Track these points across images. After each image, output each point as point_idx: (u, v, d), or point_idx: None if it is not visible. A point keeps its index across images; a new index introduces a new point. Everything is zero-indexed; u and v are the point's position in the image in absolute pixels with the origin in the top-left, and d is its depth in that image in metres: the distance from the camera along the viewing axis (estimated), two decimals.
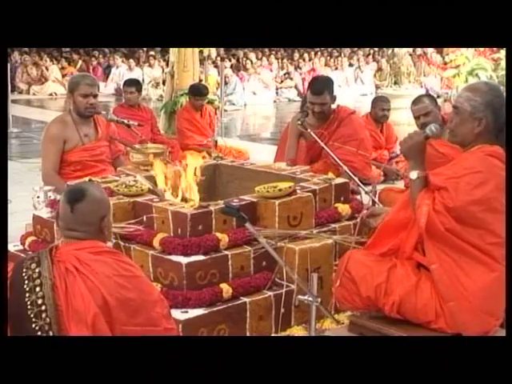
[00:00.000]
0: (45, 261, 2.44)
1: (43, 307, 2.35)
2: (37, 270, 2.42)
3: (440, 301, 3.07)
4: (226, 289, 3.48)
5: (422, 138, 3.19)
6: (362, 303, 3.21)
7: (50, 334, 2.33)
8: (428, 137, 3.22)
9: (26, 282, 2.40)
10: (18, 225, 4.45)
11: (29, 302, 2.36)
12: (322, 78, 6.12)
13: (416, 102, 4.87)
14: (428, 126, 3.25)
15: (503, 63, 11.31)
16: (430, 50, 17.15)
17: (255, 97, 17.69)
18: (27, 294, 2.38)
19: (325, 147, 4.78)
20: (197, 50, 9.45)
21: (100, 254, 2.50)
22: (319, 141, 4.84)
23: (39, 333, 2.33)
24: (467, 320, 3.02)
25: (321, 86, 5.13)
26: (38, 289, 2.38)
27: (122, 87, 8.10)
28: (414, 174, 3.12)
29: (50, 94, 18.66)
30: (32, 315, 2.35)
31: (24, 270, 2.43)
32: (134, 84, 7.56)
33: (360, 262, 3.19)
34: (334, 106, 5.22)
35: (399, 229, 3.22)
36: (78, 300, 2.37)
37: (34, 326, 2.34)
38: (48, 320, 2.34)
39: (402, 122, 11.22)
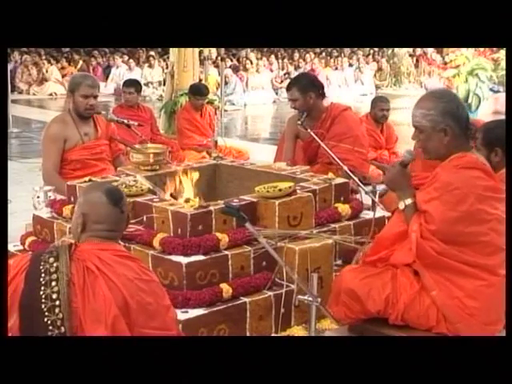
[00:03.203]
0: (63, 256, 2.45)
1: (57, 302, 2.36)
2: (54, 265, 2.42)
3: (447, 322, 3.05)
4: (226, 289, 3.48)
5: (398, 167, 3.20)
6: (368, 316, 3.18)
7: (62, 329, 2.34)
8: (404, 164, 3.22)
9: (43, 275, 2.41)
10: (18, 225, 4.46)
11: (43, 296, 2.37)
12: (297, 75, 6.23)
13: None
14: (403, 153, 3.27)
15: (503, 63, 11.30)
16: (430, 50, 17.16)
17: (255, 97, 17.69)
18: (42, 288, 2.38)
19: (322, 145, 4.76)
20: (197, 49, 9.46)
21: (122, 258, 2.53)
22: (317, 139, 4.82)
23: (50, 327, 2.34)
24: (475, 334, 3.01)
25: (290, 83, 5.25)
26: (53, 283, 2.39)
27: (121, 87, 8.10)
28: (401, 205, 3.12)
29: (50, 94, 18.65)
30: (45, 309, 2.36)
31: (42, 263, 2.44)
32: (133, 84, 7.55)
33: (360, 279, 3.13)
34: (326, 104, 5.20)
35: (393, 243, 3.20)
36: (98, 300, 2.38)
37: (46, 319, 2.35)
38: (61, 315, 2.35)
39: (402, 122, 11.22)
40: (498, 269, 3.03)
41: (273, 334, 3.58)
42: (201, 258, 3.49)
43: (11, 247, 4.20)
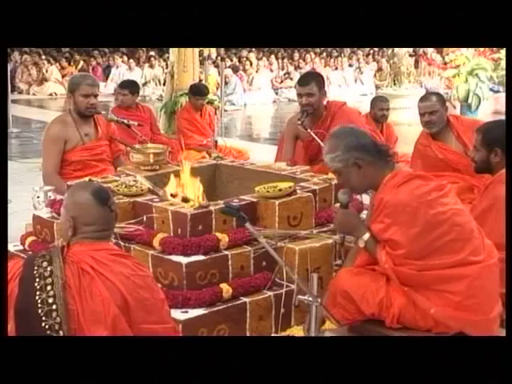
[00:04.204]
0: (56, 260, 2.44)
1: (54, 306, 2.35)
2: (48, 269, 2.41)
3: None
4: (225, 289, 3.48)
5: (340, 211, 3.24)
6: (364, 317, 3.18)
7: (60, 333, 2.34)
8: (344, 205, 3.24)
9: (37, 280, 2.40)
10: (18, 225, 4.45)
11: (39, 301, 2.36)
12: (310, 71, 6.16)
13: (424, 98, 4.91)
14: (339, 197, 3.29)
15: (503, 63, 11.30)
16: (430, 50, 17.15)
17: (255, 97, 17.70)
18: (38, 293, 2.38)
19: (322, 145, 4.75)
20: (197, 49, 9.46)
21: (117, 256, 2.53)
22: (316, 138, 4.82)
23: (48, 332, 2.34)
24: (482, 327, 3.03)
25: (307, 77, 5.18)
26: (48, 287, 2.38)
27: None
28: (361, 243, 3.14)
29: (50, 94, 18.67)
30: (42, 314, 2.35)
31: (35, 268, 2.43)
32: (127, 86, 7.35)
33: (355, 281, 3.15)
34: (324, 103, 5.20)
35: (371, 264, 3.21)
36: (96, 300, 2.38)
37: (43, 324, 2.34)
38: (58, 319, 2.34)
39: (402, 122, 11.22)
40: (474, 257, 3.06)
41: (273, 334, 3.58)
42: (201, 258, 3.49)
43: (11, 247, 4.19)
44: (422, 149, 4.98)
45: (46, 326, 2.34)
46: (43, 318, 2.34)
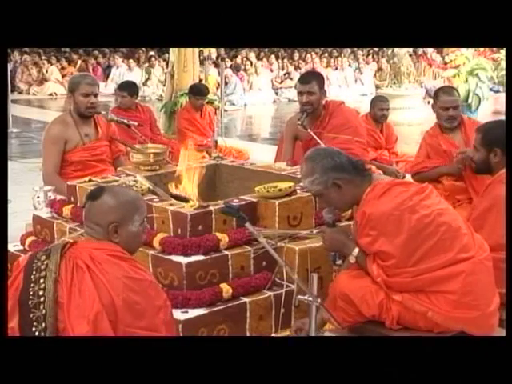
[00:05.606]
0: (54, 254, 2.49)
1: (42, 299, 2.40)
2: (45, 263, 2.47)
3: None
4: (225, 289, 3.48)
5: (328, 230, 3.27)
6: (365, 319, 3.18)
7: (43, 325, 2.37)
8: (330, 225, 3.28)
9: (34, 272, 2.46)
10: (18, 225, 4.46)
11: (31, 293, 2.42)
12: (311, 70, 6.19)
13: (447, 93, 4.99)
14: (324, 216, 3.32)
15: (503, 63, 11.32)
16: (430, 50, 17.16)
17: (255, 97, 17.70)
18: (32, 285, 2.43)
19: (322, 144, 4.77)
20: (197, 49, 9.46)
21: (114, 257, 2.53)
22: (316, 138, 4.83)
23: (35, 323, 2.38)
24: (483, 328, 3.04)
25: (309, 76, 5.22)
26: (41, 280, 2.43)
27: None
28: (352, 259, 3.16)
29: (50, 94, 18.67)
30: (31, 305, 2.40)
31: (35, 261, 2.50)
32: (126, 88, 7.31)
33: (355, 284, 3.15)
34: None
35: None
36: (83, 296, 2.40)
37: (31, 315, 2.39)
38: (44, 311, 2.38)
39: (402, 122, 11.22)
40: (464, 253, 3.06)
41: (273, 334, 3.58)
42: (201, 258, 3.49)
43: (11, 247, 4.19)
44: (429, 138, 5.06)
45: (34, 318, 2.38)
46: (32, 310, 2.39)
